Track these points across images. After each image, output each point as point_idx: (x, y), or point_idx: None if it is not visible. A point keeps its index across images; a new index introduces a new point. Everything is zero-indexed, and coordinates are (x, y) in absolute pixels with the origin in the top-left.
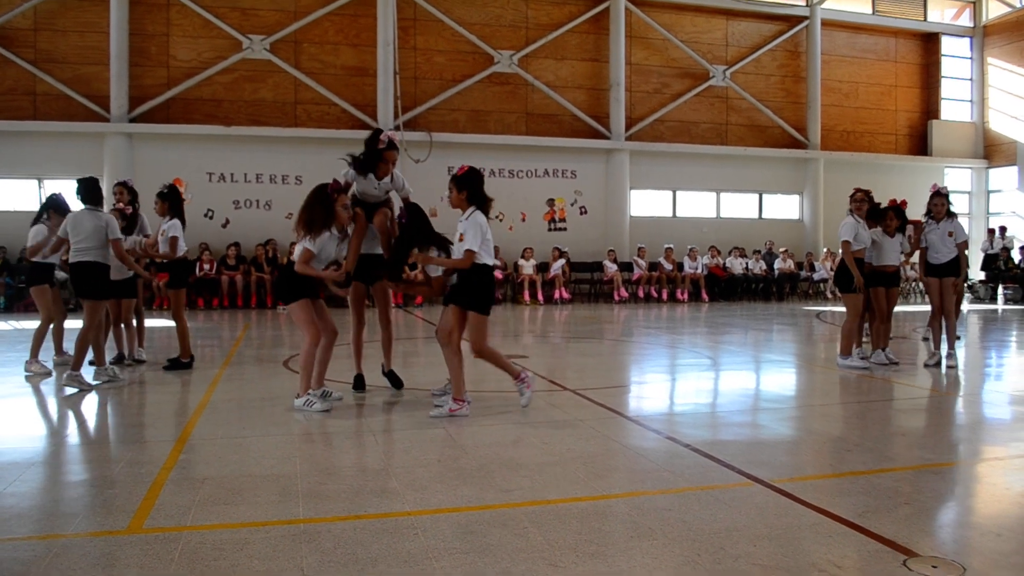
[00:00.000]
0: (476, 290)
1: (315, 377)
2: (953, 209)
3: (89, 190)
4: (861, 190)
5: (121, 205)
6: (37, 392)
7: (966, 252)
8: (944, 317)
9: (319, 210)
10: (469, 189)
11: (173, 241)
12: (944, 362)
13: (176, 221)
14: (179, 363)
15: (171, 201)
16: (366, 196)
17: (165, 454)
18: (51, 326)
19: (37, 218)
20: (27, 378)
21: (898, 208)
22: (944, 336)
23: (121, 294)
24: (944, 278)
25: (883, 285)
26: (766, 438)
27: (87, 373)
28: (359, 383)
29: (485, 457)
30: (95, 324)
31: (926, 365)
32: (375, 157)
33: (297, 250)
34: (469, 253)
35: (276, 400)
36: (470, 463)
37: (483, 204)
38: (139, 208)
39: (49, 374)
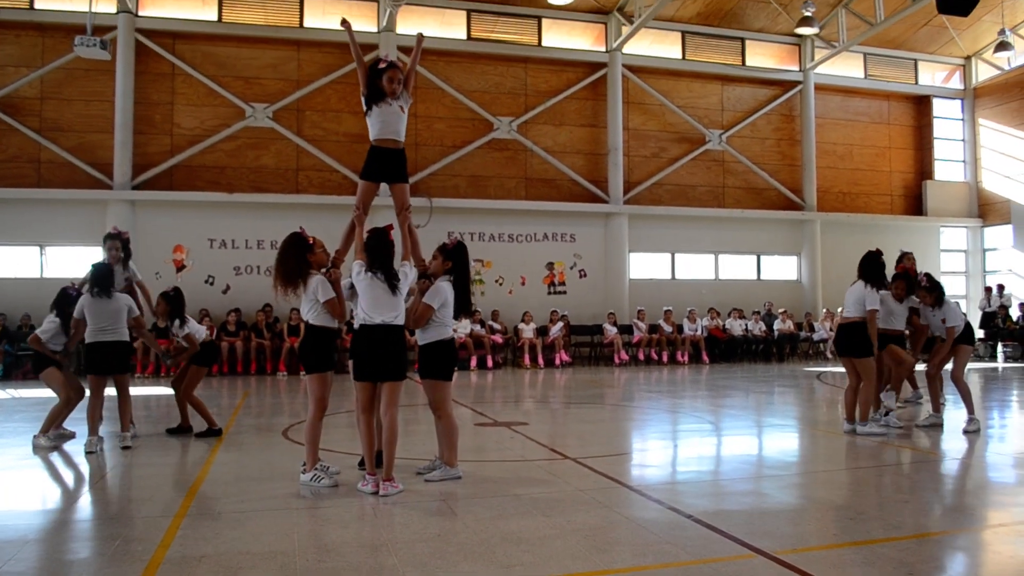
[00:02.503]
0: (436, 361)
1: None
2: (946, 296)
3: (101, 279)
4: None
5: (111, 260)
6: (34, 466)
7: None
8: (952, 383)
9: (296, 258)
10: (454, 262)
11: (192, 346)
12: (965, 427)
13: (193, 324)
14: (211, 432)
15: (174, 306)
16: (385, 124)
17: (162, 530)
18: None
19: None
20: (34, 450)
21: (906, 274)
22: (962, 401)
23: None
24: (956, 345)
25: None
26: (769, 507)
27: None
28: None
29: (486, 531)
30: (128, 393)
31: (917, 426)
32: (377, 76)
33: (310, 314)
34: (427, 308)
35: (275, 471)
36: (471, 537)
37: (461, 275)
38: (130, 257)
39: (56, 447)
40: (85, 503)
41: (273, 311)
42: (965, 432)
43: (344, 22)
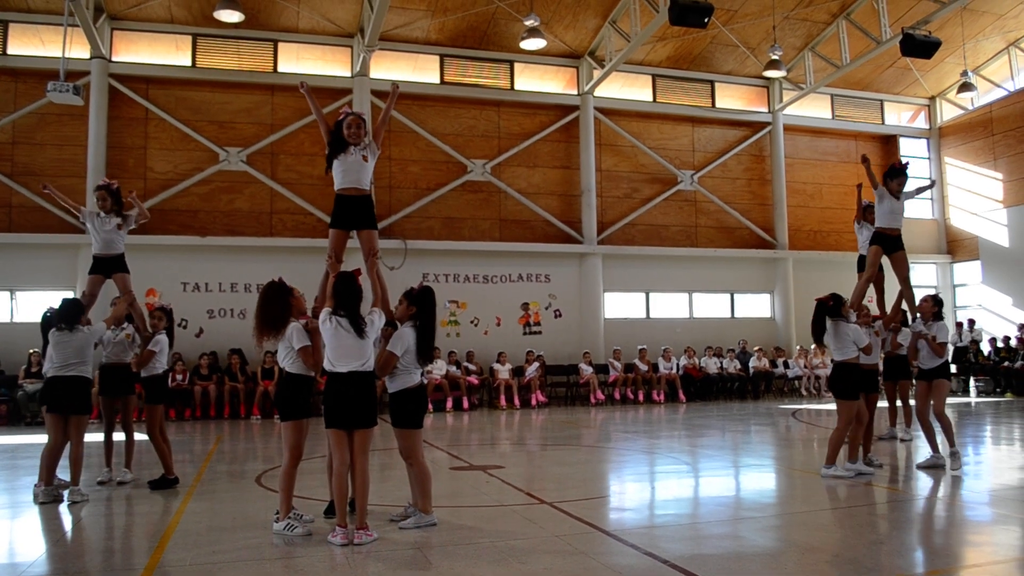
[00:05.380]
0: (405, 409)
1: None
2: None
3: (66, 313)
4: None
5: (101, 208)
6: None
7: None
8: (936, 419)
9: (280, 303)
10: (419, 307)
11: (150, 355)
12: (947, 463)
13: (164, 338)
14: (165, 481)
15: (171, 320)
16: (347, 173)
17: None
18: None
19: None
20: (35, 500)
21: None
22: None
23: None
24: (932, 380)
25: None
26: (746, 550)
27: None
28: (333, 509)
29: None
30: (82, 440)
31: (918, 467)
32: (341, 128)
33: (286, 360)
34: (391, 355)
35: (248, 520)
36: None
37: (425, 321)
38: (122, 207)
39: (57, 497)
40: (53, 558)
41: (244, 355)
42: (952, 471)
43: (303, 85)
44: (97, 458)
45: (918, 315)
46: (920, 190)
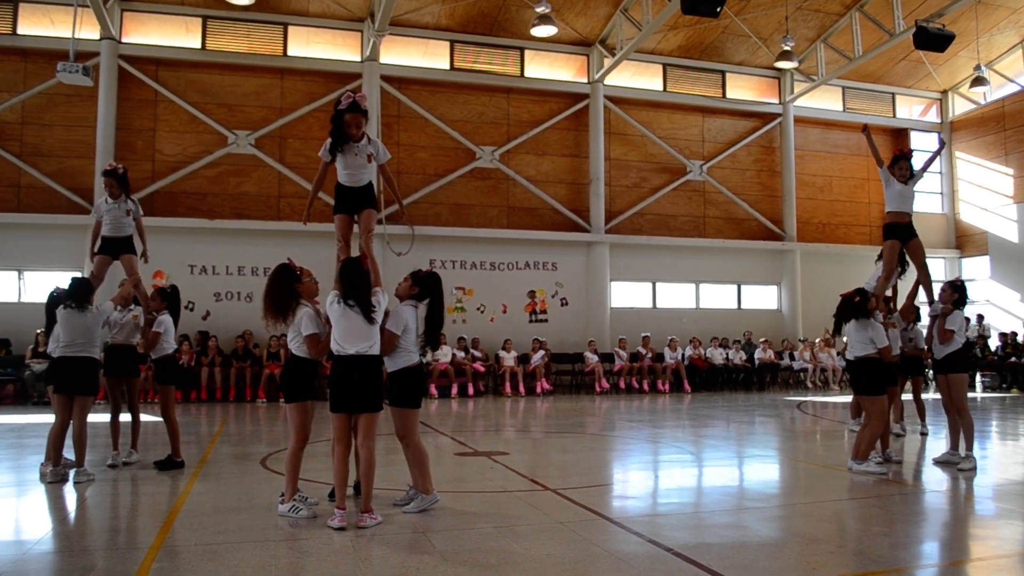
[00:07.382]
0: (405, 388)
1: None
2: (967, 301)
3: (77, 292)
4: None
5: (111, 196)
6: (6, 496)
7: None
8: (958, 415)
9: (285, 289)
10: (423, 289)
11: (156, 336)
12: (960, 464)
13: (168, 318)
14: (172, 462)
15: (170, 301)
16: (351, 174)
17: (136, 563)
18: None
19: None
20: (41, 478)
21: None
22: (961, 435)
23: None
24: (949, 375)
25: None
26: (749, 540)
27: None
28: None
29: (465, 563)
30: (86, 420)
31: (936, 462)
32: (340, 120)
33: (294, 343)
34: (391, 335)
35: (253, 502)
36: (449, 571)
37: (433, 305)
38: (129, 192)
39: (64, 477)
40: (58, 535)
41: (253, 337)
42: (960, 470)
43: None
44: (104, 438)
45: (935, 299)
46: (930, 160)
